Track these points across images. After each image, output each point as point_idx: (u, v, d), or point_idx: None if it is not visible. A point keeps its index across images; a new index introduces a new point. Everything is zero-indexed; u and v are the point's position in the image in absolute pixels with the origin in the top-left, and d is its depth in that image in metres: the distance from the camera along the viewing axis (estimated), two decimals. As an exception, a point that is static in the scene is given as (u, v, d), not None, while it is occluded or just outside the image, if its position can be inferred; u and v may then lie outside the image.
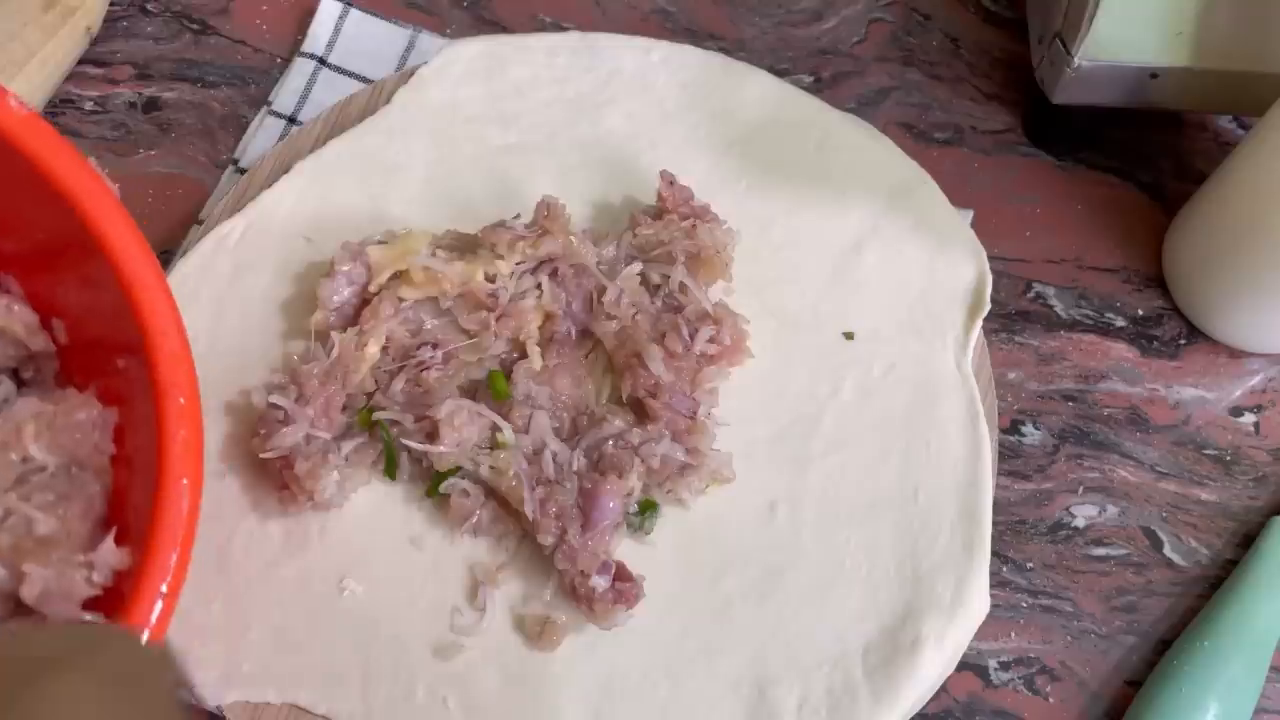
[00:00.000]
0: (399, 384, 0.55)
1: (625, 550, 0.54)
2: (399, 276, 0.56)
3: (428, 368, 0.55)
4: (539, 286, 0.57)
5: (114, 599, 0.44)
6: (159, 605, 0.42)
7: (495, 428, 0.54)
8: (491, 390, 0.55)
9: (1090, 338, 0.64)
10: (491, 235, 0.56)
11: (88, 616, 0.44)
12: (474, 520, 0.54)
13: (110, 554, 0.44)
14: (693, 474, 0.54)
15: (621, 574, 0.52)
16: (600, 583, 0.51)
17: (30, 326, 0.51)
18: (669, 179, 0.59)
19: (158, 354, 0.44)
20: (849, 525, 0.55)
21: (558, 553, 0.52)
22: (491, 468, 0.53)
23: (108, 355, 0.48)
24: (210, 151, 0.67)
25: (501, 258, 0.55)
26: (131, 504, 0.47)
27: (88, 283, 0.48)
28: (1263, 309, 0.60)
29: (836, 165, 0.62)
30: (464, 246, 0.57)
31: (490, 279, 0.55)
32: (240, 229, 0.60)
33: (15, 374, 0.52)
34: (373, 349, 0.55)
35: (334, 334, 0.55)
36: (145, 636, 0.41)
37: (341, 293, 0.56)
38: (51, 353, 0.52)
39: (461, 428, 0.53)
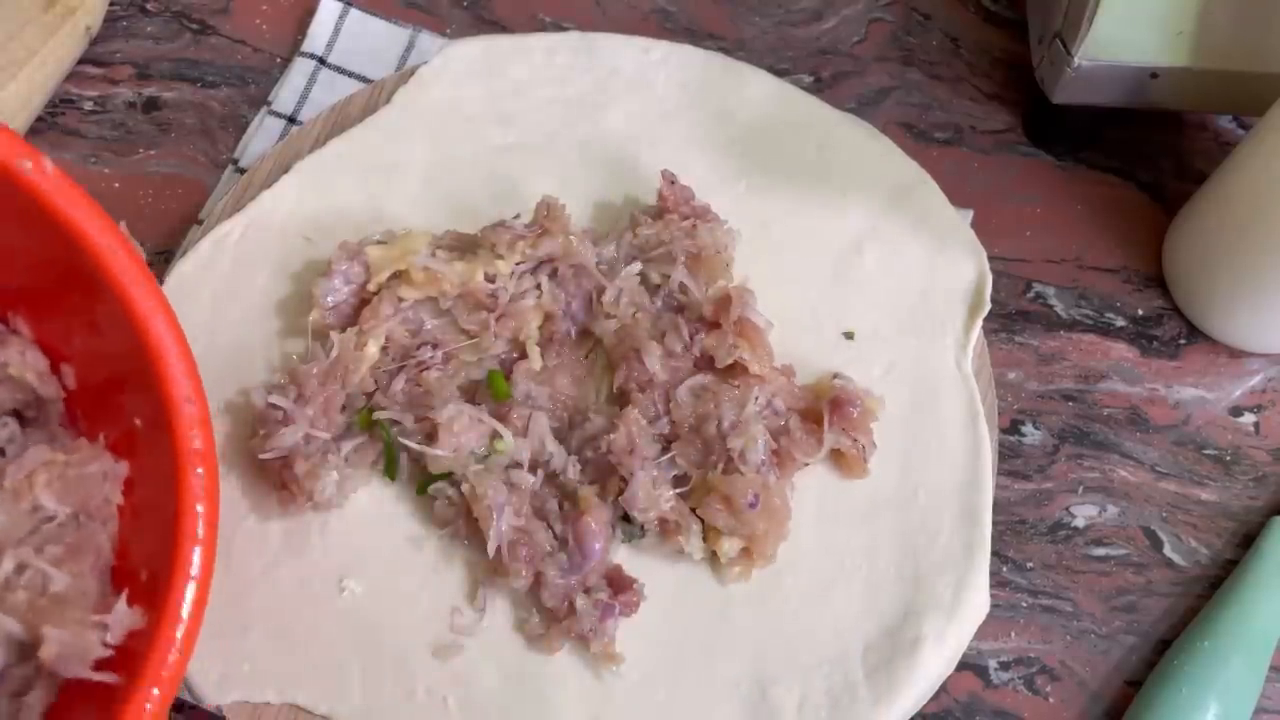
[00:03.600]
0: (399, 384, 0.55)
1: (623, 552, 0.54)
2: (398, 276, 0.56)
3: (428, 368, 0.55)
4: (539, 286, 0.57)
5: (124, 657, 0.44)
6: (173, 662, 0.42)
7: (495, 434, 0.54)
8: (491, 390, 0.55)
9: (1090, 338, 0.64)
10: (491, 235, 0.56)
11: (100, 677, 0.43)
12: (455, 528, 0.54)
13: (124, 615, 0.44)
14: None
15: (619, 582, 0.52)
16: (591, 620, 0.51)
17: (41, 372, 0.50)
18: (670, 178, 0.59)
19: (179, 421, 0.44)
20: (849, 525, 0.55)
21: (544, 591, 0.52)
22: (472, 487, 0.53)
23: (119, 407, 0.48)
24: (210, 151, 0.67)
25: (501, 258, 0.55)
26: (138, 556, 0.47)
27: (100, 331, 0.48)
28: (1263, 309, 0.60)
29: (836, 165, 0.62)
30: (464, 246, 0.57)
31: (490, 279, 0.55)
32: (240, 229, 0.60)
33: (18, 414, 0.51)
34: (372, 349, 0.55)
35: (333, 334, 0.55)
36: (155, 695, 0.42)
37: (339, 292, 0.56)
38: (60, 398, 0.51)
39: (460, 433, 0.53)
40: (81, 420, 0.51)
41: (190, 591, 0.43)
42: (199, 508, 0.43)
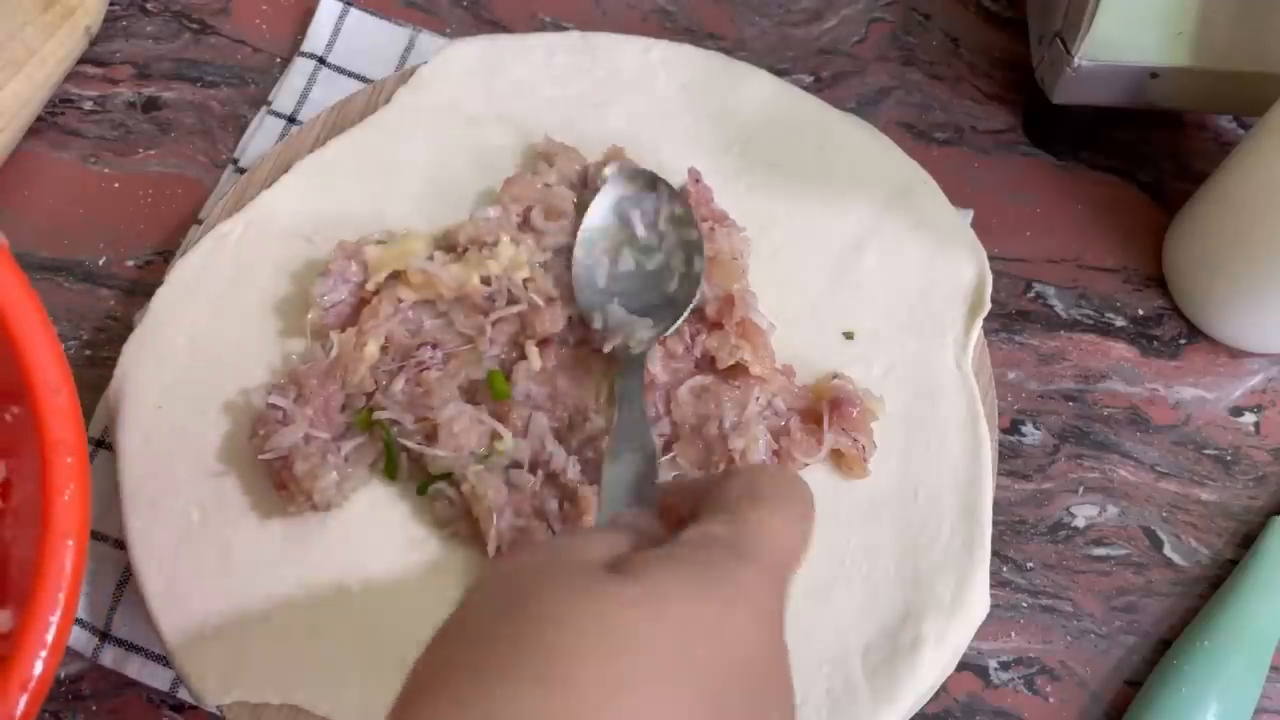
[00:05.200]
0: (399, 384, 0.55)
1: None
2: (396, 277, 0.56)
3: (427, 368, 0.55)
4: (526, 222, 0.58)
5: None
6: (38, 668, 0.40)
7: (495, 434, 0.54)
8: (491, 390, 0.55)
9: (1090, 338, 0.64)
10: (471, 227, 0.57)
11: None
12: (455, 528, 0.54)
13: None
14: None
15: None
16: None
17: None
18: (695, 176, 0.59)
19: (45, 410, 0.43)
20: (849, 525, 0.55)
21: None
22: (473, 487, 0.53)
23: None
24: (210, 151, 0.67)
25: (493, 258, 0.55)
26: (15, 559, 0.46)
27: None
28: (1263, 309, 0.60)
29: (836, 165, 0.62)
30: (458, 244, 0.57)
31: (486, 281, 0.55)
32: (240, 229, 0.60)
33: None
34: (372, 349, 0.55)
35: (332, 334, 0.55)
36: (23, 703, 0.39)
37: (337, 292, 0.56)
38: None
39: (460, 433, 0.53)
40: None
41: (61, 586, 0.41)
42: (66, 495, 0.42)
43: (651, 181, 0.58)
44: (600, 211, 0.58)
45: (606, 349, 0.55)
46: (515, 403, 0.55)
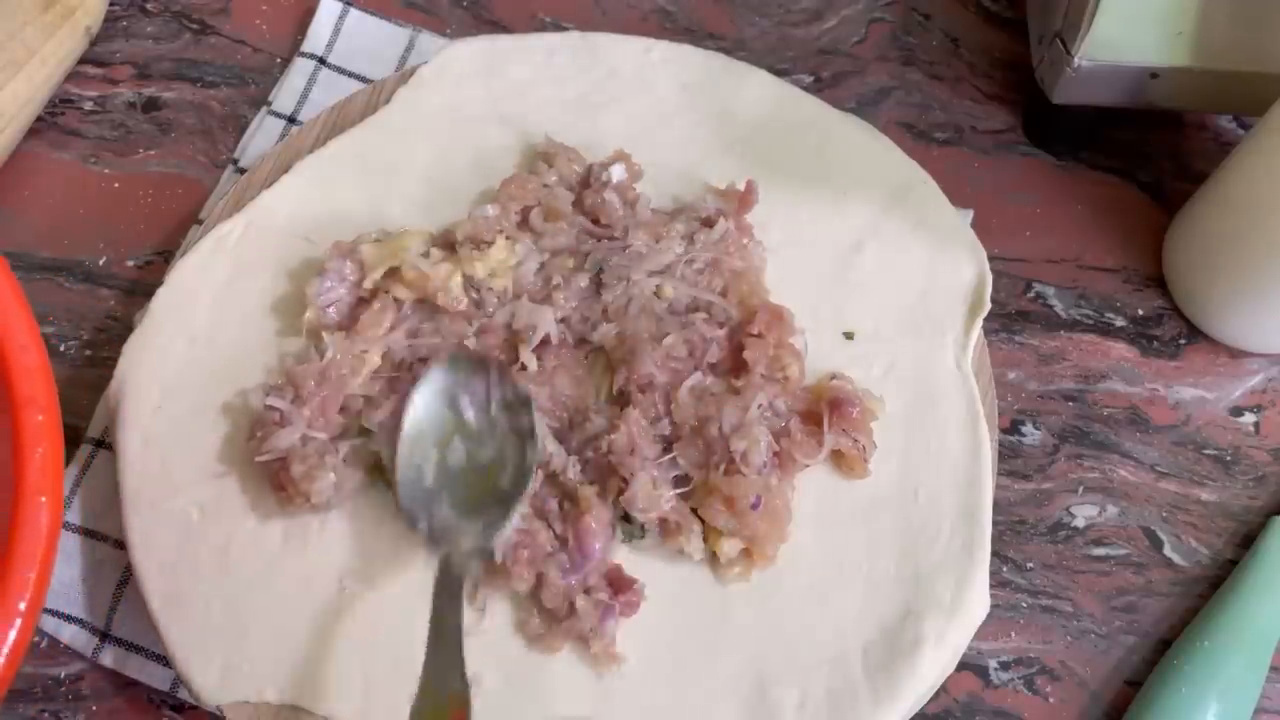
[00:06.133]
0: (386, 407, 0.54)
1: (622, 552, 0.54)
2: (393, 275, 0.56)
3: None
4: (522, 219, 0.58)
5: None
6: (17, 624, 0.40)
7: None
8: None
9: (1090, 338, 0.64)
10: (469, 225, 0.57)
11: None
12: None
13: None
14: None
15: (619, 582, 0.52)
16: (591, 620, 0.51)
17: None
18: (751, 185, 0.60)
19: (13, 369, 0.43)
20: (849, 525, 0.55)
21: (545, 591, 0.52)
22: None
23: None
24: (210, 151, 0.67)
25: (481, 259, 0.55)
26: None
27: None
28: (1263, 309, 0.60)
29: (836, 165, 0.62)
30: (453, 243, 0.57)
31: (473, 284, 0.56)
32: (240, 229, 0.60)
33: None
34: (374, 357, 0.55)
35: (326, 335, 0.55)
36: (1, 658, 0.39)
37: (334, 291, 0.56)
38: None
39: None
40: None
41: (39, 540, 0.41)
42: (39, 450, 0.42)
43: (481, 364, 0.54)
44: (425, 401, 0.53)
45: (430, 557, 0.52)
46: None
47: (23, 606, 0.40)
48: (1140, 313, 0.65)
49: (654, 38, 0.65)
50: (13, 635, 0.40)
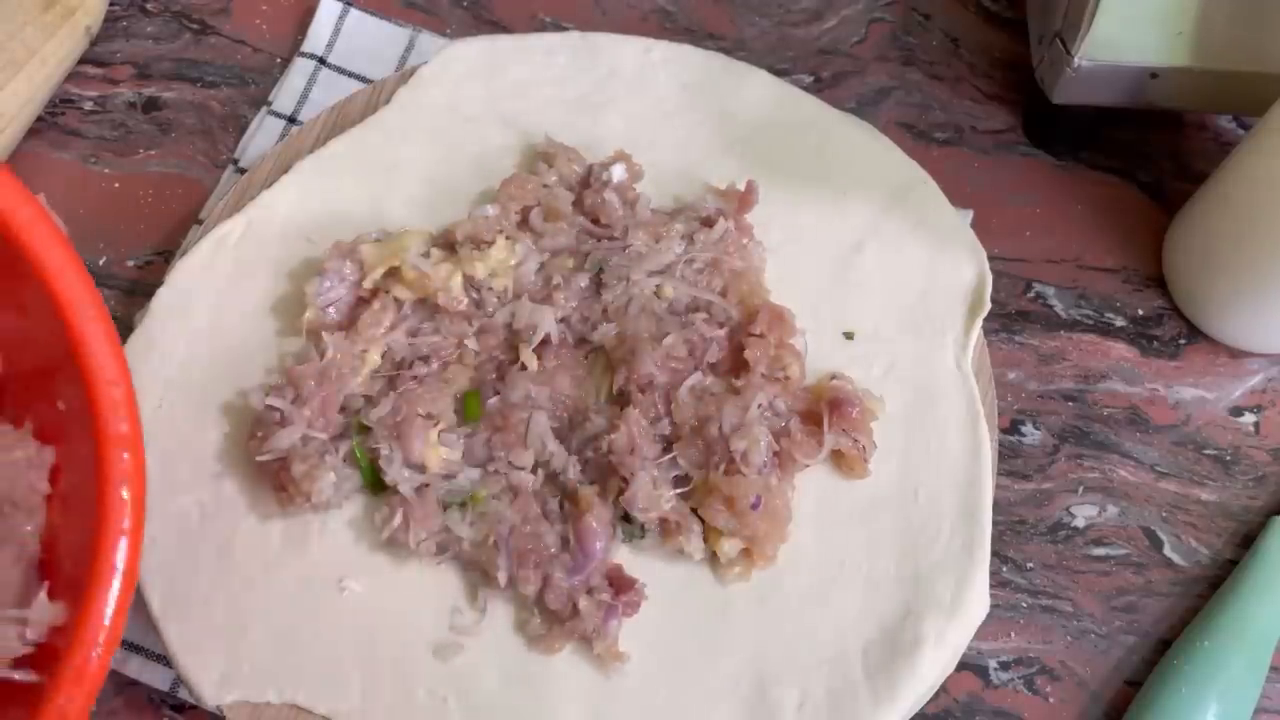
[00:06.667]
0: (385, 406, 0.54)
1: (623, 552, 0.54)
2: (392, 274, 0.56)
3: (421, 380, 0.55)
4: (524, 222, 0.58)
5: (47, 653, 0.42)
6: (93, 663, 0.40)
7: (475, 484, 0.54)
8: (465, 410, 0.55)
9: (1090, 338, 0.64)
10: (469, 225, 0.57)
11: (18, 676, 0.41)
12: (452, 553, 0.54)
13: (44, 610, 0.42)
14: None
15: (620, 582, 0.52)
16: (594, 621, 0.51)
17: None
18: (751, 186, 0.59)
19: (102, 404, 0.42)
20: (849, 525, 0.55)
21: (548, 593, 0.52)
22: (471, 541, 0.53)
23: (46, 391, 0.46)
24: (210, 151, 0.67)
25: (482, 259, 0.55)
26: (64, 546, 0.45)
27: (26, 314, 0.46)
28: (1263, 309, 0.60)
29: (836, 165, 0.62)
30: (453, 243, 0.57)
31: (474, 284, 0.56)
32: (240, 229, 0.60)
33: None
34: (374, 356, 0.55)
35: (325, 335, 0.55)
36: (76, 698, 0.39)
37: (334, 291, 0.56)
38: None
39: (437, 473, 0.53)
40: (9, 407, 0.49)
41: (115, 585, 0.40)
42: (124, 493, 0.42)
43: None
44: None
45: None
46: (513, 405, 0.55)
47: (98, 651, 0.40)
48: (1140, 313, 0.65)
49: (654, 38, 0.65)
50: (89, 678, 0.40)
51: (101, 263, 0.64)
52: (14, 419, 0.48)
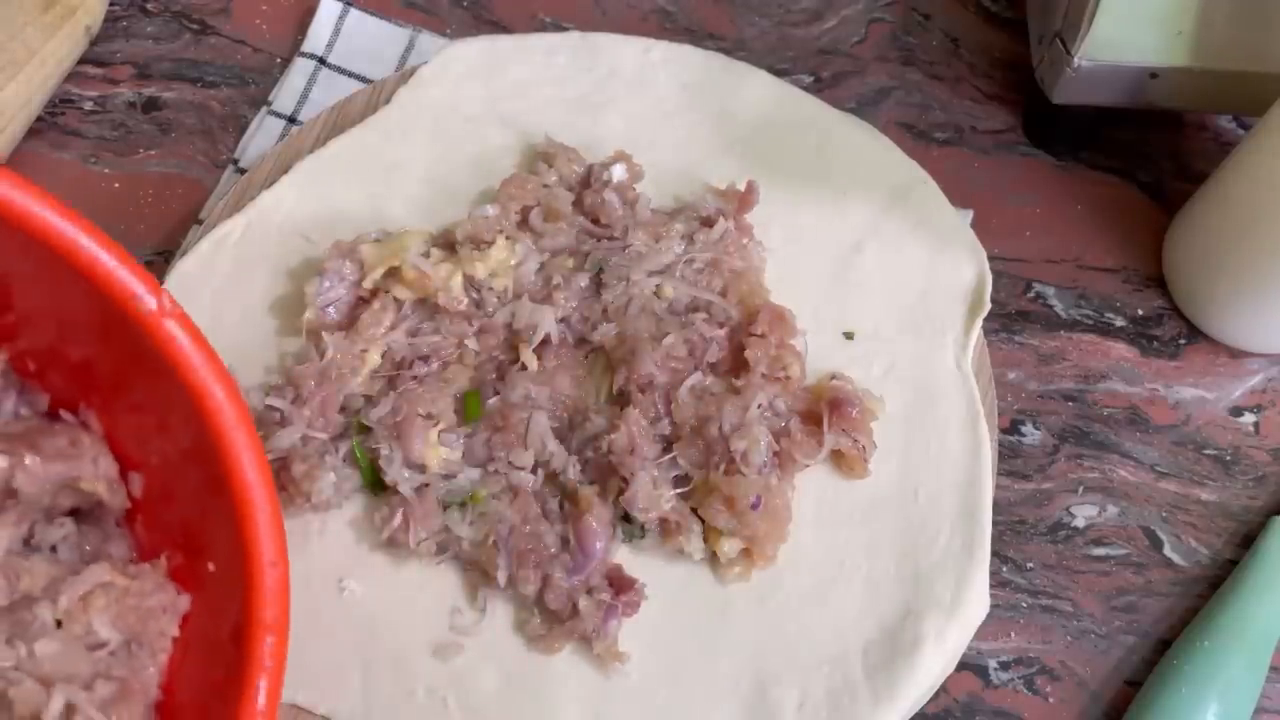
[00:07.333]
0: (385, 406, 0.54)
1: (623, 552, 0.54)
2: (392, 274, 0.56)
3: (421, 379, 0.55)
4: (524, 222, 0.58)
5: None
6: None
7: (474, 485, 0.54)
8: (465, 411, 0.55)
9: (1090, 338, 0.64)
10: (469, 225, 0.57)
11: None
12: (452, 553, 0.54)
13: None
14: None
15: (620, 582, 0.52)
16: (594, 621, 0.51)
17: (111, 483, 0.47)
18: (752, 186, 0.59)
19: (258, 586, 0.41)
20: (849, 525, 0.55)
21: (548, 593, 0.52)
22: (471, 541, 0.53)
23: (189, 534, 0.46)
24: (210, 151, 0.67)
25: (482, 260, 0.55)
26: (187, 692, 0.45)
27: (185, 453, 0.45)
28: (1263, 309, 0.60)
29: (836, 165, 0.62)
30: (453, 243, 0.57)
31: (474, 284, 0.56)
32: (240, 229, 0.60)
33: (75, 509, 0.48)
34: (374, 356, 0.55)
35: (325, 335, 0.55)
36: None
37: (334, 290, 0.56)
38: (124, 507, 0.48)
39: (437, 473, 0.53)
40: (140, 528, 0.48)
41: None
42: (262, 683, 0.41)
43: None
44: None
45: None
46: (513, 405, 0.55)
47: None
48: (1140, 313, 0.65)
49: (654, 38, 0.65)
50: None
51: (101, 263, 0.64)
52: (145, 541, 0.48)
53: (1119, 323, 0.64)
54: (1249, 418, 0.63)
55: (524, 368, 0.55)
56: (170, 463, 0.47)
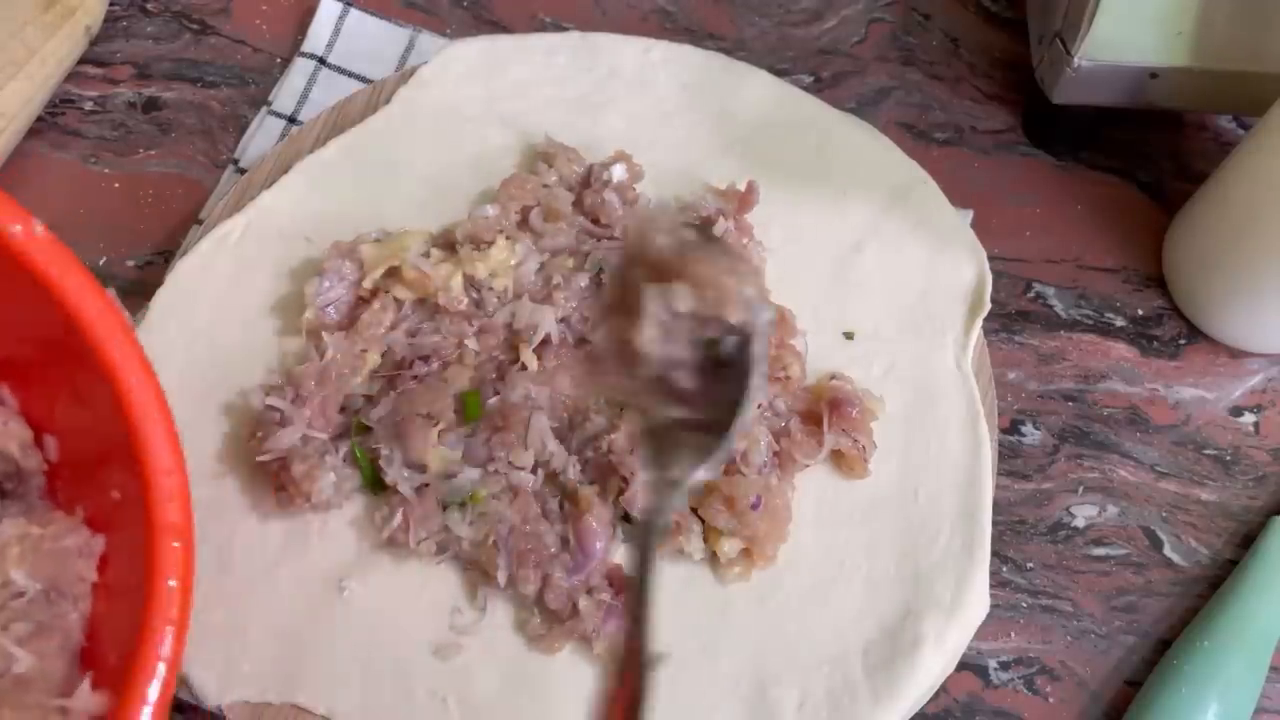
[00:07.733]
0: (385, 407, 0.54)
1: (623, 552, 0.54)
2: (392, 274, 0.56)
3: (421, 379, 0.55)
4: (524, 222, 0.58)
5: None
6: None
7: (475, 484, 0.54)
8: (465, 411, 0.55)
9: (1090, 338, 0.64)
10: (470, 225, 0.57)
11: None
12: (452, 552, 0.54)
13: (87, 698, 0.42)
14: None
15: (620, 582, 0.52)
16: (594, 621, 0.51)
17: (24, 444, 0.48)
18: (752, 186, 0.59)
19: (156, 493, 0.42)
20: (849, 525, 0.55)
21: (548, 593, 0.52)
22: (471, 541, 0.53)
23: (100, 479, 0.46)
24: (210, 151, 0.67)
25: (482, 260, 0.55)
26: (109, 635, 0.45)
27: (85, 403, 0.46)
28: (1263, 309, 0.60)
29: (836, 165, 0.62)
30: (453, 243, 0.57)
31: (474, 284, 0.55)
32: (240, 229, 0.60)
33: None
34: (374, 356, 0.55)
35: (325, 335, 0.55)
36: None
37: (334, 291, 0.56)
38: (41, 470, 0.49)
39: (437, 473, 0.53)
40: (61, 493, 0.49)
41: (159, 676, 0.39)
42: (171, 583, 0.40)
43: None
44: None
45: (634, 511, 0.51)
46: (514, 405, 0.55)
47: None
48: (1140, 313, 0.65)
49: (654, 38, 0.65)
50: None
51: (101, 263, 0.64)
52: (66, 506, 0.48)
53: (1119, 323, 0.64)
54: (1249, 418, 0.63)
55: (524, 368, 0.55)
56: (74, 412, 0.47)
